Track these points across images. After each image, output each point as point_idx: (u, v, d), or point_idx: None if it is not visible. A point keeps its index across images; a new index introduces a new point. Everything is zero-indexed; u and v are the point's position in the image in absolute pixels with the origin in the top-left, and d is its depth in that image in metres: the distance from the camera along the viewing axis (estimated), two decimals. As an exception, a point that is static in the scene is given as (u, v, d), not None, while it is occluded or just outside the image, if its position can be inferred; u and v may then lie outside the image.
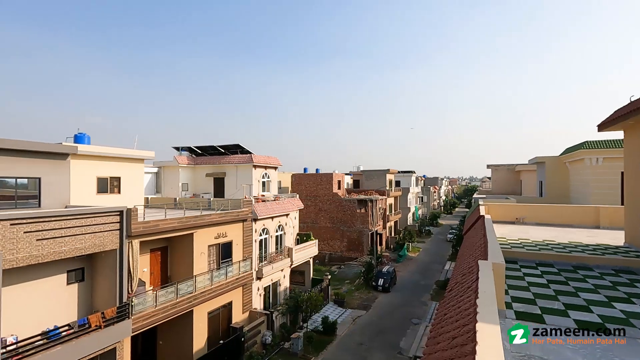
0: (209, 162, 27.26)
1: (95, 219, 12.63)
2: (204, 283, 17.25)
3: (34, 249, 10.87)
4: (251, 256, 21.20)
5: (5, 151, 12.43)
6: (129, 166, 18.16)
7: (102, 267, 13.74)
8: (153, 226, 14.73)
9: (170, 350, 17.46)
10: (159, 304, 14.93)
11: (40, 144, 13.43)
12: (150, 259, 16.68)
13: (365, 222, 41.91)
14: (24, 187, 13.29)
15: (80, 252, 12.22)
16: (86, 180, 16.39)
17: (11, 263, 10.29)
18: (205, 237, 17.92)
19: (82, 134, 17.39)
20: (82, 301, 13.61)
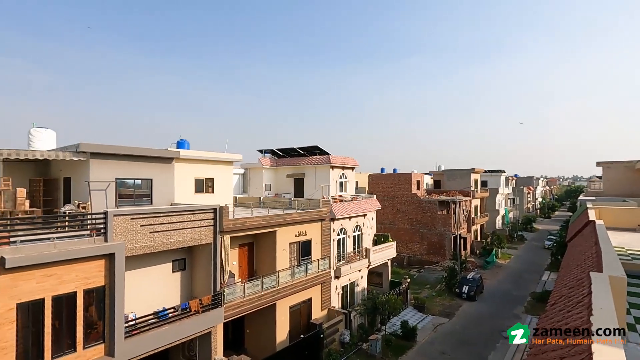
0: (289, 164, 28.58)
1: (194, 215, 14.21)
2: (286, 279, 18.15)
3: (148, 240, 12.67)
4: (329, 255, 21.63)
5: (127, 157, 14.73)
6: (220, 168, 20.02)
7: (200, 259, 15.39)
8: (241, 223, 16.00)
9: (256, 339, 18.77)
10: (247, 295, 16.16)
11: (153, 150, 15.62)
12: (239, 254, 18.15)
13: (447, 225, 39.56)
14: (138, 187, 15.57)
15: (183, 244, 13.87)
16: (186, 181, 18.51)
17: (131, 251, 12.15)
18: (286, 235, 18.83)
19: (183, 140, 19.70)
20: (184, 288, 15.44)
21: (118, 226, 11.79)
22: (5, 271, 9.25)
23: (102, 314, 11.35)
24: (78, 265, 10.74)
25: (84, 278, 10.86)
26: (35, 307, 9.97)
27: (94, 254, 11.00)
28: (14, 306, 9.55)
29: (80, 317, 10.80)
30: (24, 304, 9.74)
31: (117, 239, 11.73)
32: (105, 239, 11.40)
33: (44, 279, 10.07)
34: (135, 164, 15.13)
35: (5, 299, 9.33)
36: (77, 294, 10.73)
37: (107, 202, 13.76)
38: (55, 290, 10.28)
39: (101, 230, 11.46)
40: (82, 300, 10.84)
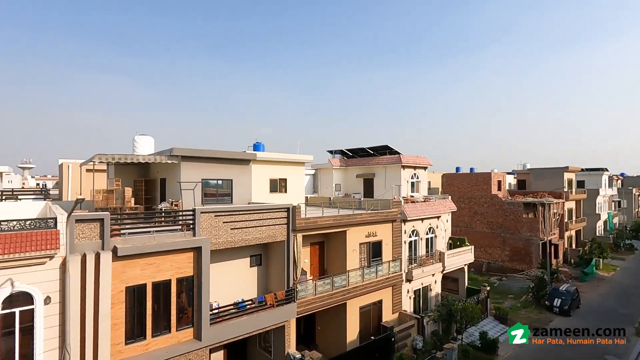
0: (358, 164, 28.52)
1: (269, 213, 15.01)
2: (356, 279, 18.15)
3: (229, 235, 13.73)
4: (400, 257, 21.06)
5: (211, 159, 16.15)
6: (293, 169, 20.81)
7: (274, 255, 16.20)
8: (313, 222, 16.44)
9: (326, 337, 19.10)
10: (318, 293, 16.54)
11: (233, 153, 16.90)
12: (310, 252, 18.66)
13: (534, 230, 35.68)
14: (220, 187, 16.94)
15: (259, 240, 14.73)
16: (261, 181, 19.62)
17: (215, 246, 13.28)
18: (356, 235, 18.82)
19: (259, 143, 20.94)
20: (260, 282, 16.39)
21: (204, 222, 13.00)
22: (117, 259, 10.83)
23: (191, 301, 12.63)
24: (172, 256, 12.12)
25: (176, 268, 12.21)
26: (139, 291, 11.49)
27: (185, 247, 12.30)
28: (124, 289, 11.14)
29: (173, 302, 12.16)
30: (130, 288, 11.31)
31: (203, 234, 12.94)
32: (194, 234, 12.65)
33: (146, 267, 11.55)
34: (218, 165, 16.51)
35: (117, 282, 10.92)
36: (171, 282, 12.11)
37: (194, 200, 15.25)
38: (154, 277, 11.74)
39: (190, 225, 12.75)
40: (175, 288, 12.20)
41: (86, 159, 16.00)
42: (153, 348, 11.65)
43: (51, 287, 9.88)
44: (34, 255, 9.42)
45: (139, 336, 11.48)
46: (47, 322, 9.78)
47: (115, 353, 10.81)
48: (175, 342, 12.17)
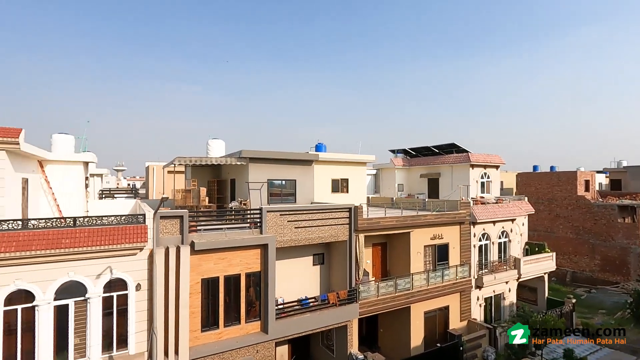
0: (422, 163, 27.48)
1: (331, 213, 15.18)
2: (420, 282, 17.51)
3: (293, 234, 14.19)
4: (469, 262, 19.82)
5: (276, 160, 16.84)
6: (354, 169, 20.81)
7: (336, 255, 16.33)
8: (375, 223, 16.24)
9: (389, 340, 18.72)
10: (380, 294, 16.30)
11: (296, 154, 17.43)
12: (372, 253, 18.46)
13: (632, 237, 30.99)
14: (284, 187, 17.57)
15: (322, 240, 14.98)
16: (323, 181, 19.94)
17: (280, 243, 13.82)
18: (421, 237, 18.15)
19: (321, 144, 21.30)
20: (323, 280, 16.65)
21: (270, 221, 13.60)
22: (195, 252, 11.84)
23: (258, 295, 13.30)
24: (241, 252, 12.89)
25: (245, 263, 12.96)
26: (213, 283, 12.43)
27: (253, 244, 13.01)
28: (200, 280, 12.13)
29: (243, 295, 12.93)
30: (205, 280, 12.28)
31: (270, 232, 13.54)
32: (261, 232, 13.31)
33: (219, 261, 12.46)
34: (282, 166, 17.16)
35: (194, 274, 11.93)
36: (240, 276, 12.89)
37: (261, 200, 16.04)
38: (226, 271, 12.60)
39: (257, 223, 13.43)
40: (244, 282, 12.96)
41: (168, 162, 17.77)
42: (225, 337, 12.52)
43: (141, 275, 11.16)
44: (128, 246, 10.73)
45: (212, 325, 12.43)
46: (137, 306, 11.07)
47: (192, 339, 11.82)
48: (244, 333, 12.93)
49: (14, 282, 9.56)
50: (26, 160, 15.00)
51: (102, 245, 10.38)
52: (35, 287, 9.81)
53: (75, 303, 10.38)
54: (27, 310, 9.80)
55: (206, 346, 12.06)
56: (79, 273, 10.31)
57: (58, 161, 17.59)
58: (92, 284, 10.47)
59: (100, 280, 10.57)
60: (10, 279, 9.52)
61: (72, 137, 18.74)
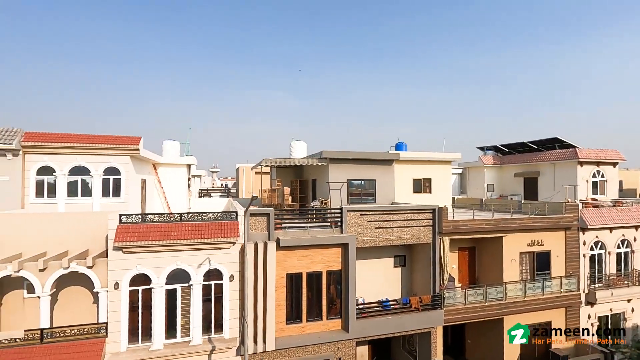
0: (517, 161, 24.80)
1: (413, 214, 14.64)
2: (515, 293, 15.83)
3: (373, 234, 14.06)
4: (578, 273, 17.23)
5: (356, 160, 16.91)
6: (438, 168, 19.76)
7: (419, 257, 15.70)
8: (461, 225, 15.18)
9: (479, 353, 17.31)
10: (468, 302, 15.17)
11: (376, 154, 17.27)
12: (459, 257, 17.28)
13: None
14: (364, 187, 17.51)
15: (403, 241, 14.55)
16: (404, 181, 19.35)
17: (360, 243, 13.82)
18: (516, 243, 16.40)
19: (401, 143, 20.72)
20: (404, 283, 16.17)
21: (350, 220, 13.70)
22: (280, 248, 12.54)
23: (339, 293, 13.50)
24: (323, 250, 13.24)
25: (326, 261, 13.27)
26: (296, 278, 13.00)
27: (334, 242, 13.25)
28: (284, 275, 12.80)
29: (324, 292, 13.26)
30: (289, 275, 12.91)
31: (350, 231, 13.64)
32: (341, 231, 13.49)
33: (302, 258, 12.98)
34: (362, 166, 17.15)
35: (280, 269, 12.64)
36: (322, 274, 13.24)
37: (341, 200, 16.25)
38: (308, 267, 13.06)
39: (338, 223, 13.64)
40: (325, 279, 13.28)
41: (255, 163, 19.17)
42: (308, 331, 12.99)
43: (233, 267, 12.24)
44: (223, 240, 11.87)
45: (296, 318, 13.00)
46: (231, 295, 12.17)
47: (278, 330, 12.53)
48: (325, 329, 13.25)
49: (136, 267, 11.33)
50: (143, 163, 17.64)
51: (203, 238, 11.66)
52: (151, 272, 11.47)
53: (181, 288, 11.86)
54: (145, 291, 11.52)
55: (291, 338, 12.68)
56: (184, 262, 11.75)
57: (167, 164, 20.29)
58: (195, 272, 11.83)
59: (201, 269, 11.89)
60: (133, 263, 11.30)
61: (177, 143, 21.45)
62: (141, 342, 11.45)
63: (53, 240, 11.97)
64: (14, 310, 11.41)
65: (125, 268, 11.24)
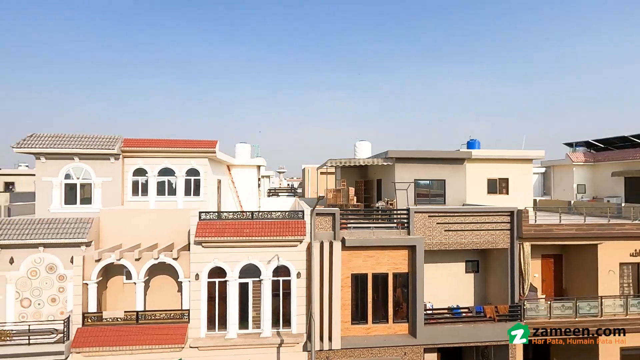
0: (616, 158, 21.61)
1: (488, 217, 13.61)
2: (614, 309, 13.83)
3: (443, 237, 13.38)
4: (699, 292, 14.41)
5: (423, 160, 16.27)
6: (516, 167, 18.10)
7: (494, 264, 14.54)
8: (545, 230, 13.70)
9: (566, 373, 15.44)
10: (553, 316, 13.65)
11: (445, 152, 16.43)
12: (542, 265, 15.62)
13: None
14: (432, 187, 16.75)
15: (476, 245, 13.60)
16: (477, 181, 18.05)
17: (429, 246, 13.25)
18: (615, 252, 14.29)
19: (474, 140, 19.39)
20: (477, 290, 15.11)
21: (418, 222, 13.22)
22: (345, 248, 12.59)
23: (405, 297, 13.11)
24: (388, 252, 12.98)
25: (392, 263, 12.99)
26: (362, 279, 12.94)
27: (400, 244, 12.91)
28: (350, 275, 12.83)
29: (390, 295, 12.99)
30: (354, 275, 12.90)
31: (417, 233, 13.16)
32: (408, 232, 13.09)
33: (367, 259, 12.89)
34: (430, 166, 16.44)
35: (345, 269, 12.69)
36: (388, 276, 12.99)
37: (407, 200, 15.76)
38: (374, 269, 12.92)
39: (405, 224, 13.26)
40: (391, 282, 13.01)
41: (321, 164, 19.52)
42: (373, 333, 12.85)
43: (300, 265, 12.61)
44: (291, 238, 12.30)
45: (362, 319, 12.94)
46: (298, 292, 12.56)
47: (344, 329, 12.60)
48: (391, 332, 12.97)
49: (214, 260, 12.29)
50: (219, 165, 19.07)
51: (272, 235, 12.22)
52: (226, 265, 12.35)
53: (252, 282, 12.57)
54: (221, 283, 12.45)
55: (356, 338, 12.65)
56: (255, 258, 12.44)
57: (240, 165, 21.67)
58: (265, 268, 12.46)
59: (270, 265, 12.47)
60: (211, 257, 12.29)
61: (249, 145, 22.80)
62: (217, 330, 12.40)
63: (145, 234, 13.55)
64: (116, 293, 13.16)
65: (204, 261, 12.27)
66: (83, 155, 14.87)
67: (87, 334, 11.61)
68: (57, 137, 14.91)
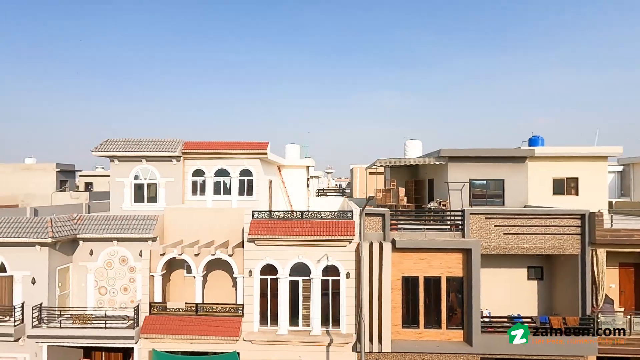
0: None
1: (553, 220, 12.51)
2: None
3: (502, 241, 12.55)
4: None
5: (479, 158, 15.39)
6: (587, 165, 16.40)
7: (561, 271, 13.33)
8: (624, 236, 12.25)
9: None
10: (634, 332, 12.17)
11: (504, 150, 15.42)
12: (619, 275, 14.00)
13: None
14: (490, 187, 15.77)
15: (540, 251, 12.57)
16: (542, 181, 16.64)
17: (485, 250, 12.51)
18: None
19: (537, 137, 17.92)
20: (541, 299, 13.96)
21: (473, 224, 12.54)
22: (395, 250, 12.34)
23: (460, 302, 12.51)
24: (441, 255, 12.48)
25: (446, 267, 12.46)
26: (413, 282, 12.59)
27: (454, 247, 12.35)
28: (400, 277, 12.55)
29: (443, 299, 12.48)
30: (405, 277, 12.59)
31: (473, 235, 12.49)
32: (463, 235, 12.47)
33: (418, 261, 12.51)
34: (486, 165, 15.50)
35: (395, 271, 12.44)
36: (441, 279, 12.50)
37: (462, 201, 15.02)
38: (426, 272, 12.50)
39: (459, 226, 12.66)
40: (445, 286, 12.49)
41: (369, 164, 19.33)
42: (425, 338, 12.43)
43: (349, 265, 12.59)
44: (340, 238, 12.34)
45: (413, 323, 12.59)
46: (347, 292, 12.55)
47: (394, 332, 12.34)
48: (445, 339, 12.44)
49: (265, 258, 12.73)
50: (270, 165, 19.70)
51: (321, 235, 12.35)
52: (277, 263, 12.72)
53: (302, 281, 12.81)
54: (272, 280, 12.85)
55: (407, 342, 12.33)
56: (305, 257, 12.66)
57: (289, 166, 22.20)
58: (314, 267, 12.63)
59: (320, 264, 12.61)
60: (263, 255, 12.74)
61: (298, 146, 23.27)
62: (269, 325, 12.81)
63: (203, 231, 14.41)
64: (178, 285, 14.17)
65: (257, 258, 12.76)
66: (149, 158, 16.24)
67: (154, 321, 12.64)
68: (127, 141, 16.44)
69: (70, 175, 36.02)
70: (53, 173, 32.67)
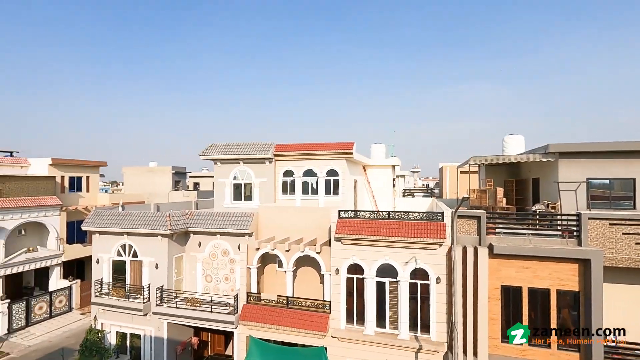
0: None
1: None
2: None
3: (632, 252, 10.50)
4: None
5: (600, 154, 13.08)
6: None
7: None
8: None
9: None
10: None
11: (634, 144, 12.81)
12: None
13: None
14: (614, 187, 13.28)
15: (690, 267, 10.14)
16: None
17: (610, 261, 10.61)
18: None
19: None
20: (691, 327, 11.24)
21: (593, 230, 10.75)
22: (492, 256, 11.27)
23: (574, 320, 10.82)
24: (550, 264, 10.96)
25: (556, 278, 10.91)
26: (514, 293, 11.31)
27: (567, 256, 10.73)
28: (499, 287, 11.40)
29: (553, 315, 10.94)
30: (505, 287, 11.39)
31: (592, 244, 10.71)
32: (579, 243, 10.77)
33: (521, 270, 11.20)
34: (609, 161, 13.11)
35: (493, 279, 11.35)
36: (550, 292, 10.98)
37: (577, 204, 12.97)
38: (531, 282, 11.12)
39: (574, 232, 10.97)
40: (554, 300, 10.94)
41: (461, 162, 18.00)
42: (529, 356, 11.06)
43: (440, 270, 11.92)
44: (429, 241, 11.76)
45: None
46: (438, 298, 11.89)
47: (491, 346, 11.28)
48: (555, 360, 10.90)
49: (352, 257, 12.84)
50: (355, 165, 19.78)
51: (409, 237, 11.95)
52: (364, 263, 12.71)
53: (389, 282, 12.56)
54: (359, 280, 12.88)
55: (507, 359, 11.15)
56: (391, 258, 12.40)
57: (375, 166, 22.00)
58: (401, 269, 12.28)
59: (407, 267, 12.21)
60: (349, 254, 12.87)
61: (383, 146, 22.90)
62: (356, 324, 12.88)
63: (293, 228, 15.18)
64: (271, 278, 15.20)
65: (343, 257, 12.94)
66: (246, 160, 17.77)
67: (250, 310, 13.79)
68: (228, 146, 18.24)
69: (182, 177, 41.52)
70: (169, 174, 38.07)
